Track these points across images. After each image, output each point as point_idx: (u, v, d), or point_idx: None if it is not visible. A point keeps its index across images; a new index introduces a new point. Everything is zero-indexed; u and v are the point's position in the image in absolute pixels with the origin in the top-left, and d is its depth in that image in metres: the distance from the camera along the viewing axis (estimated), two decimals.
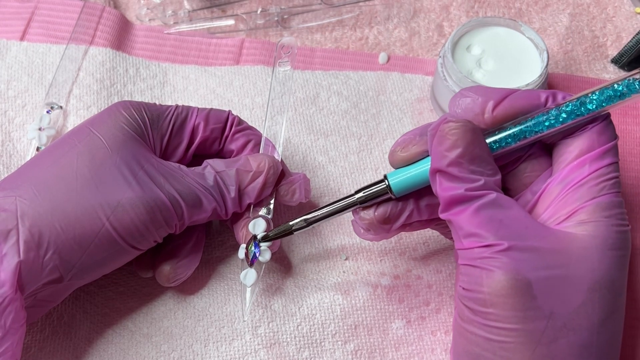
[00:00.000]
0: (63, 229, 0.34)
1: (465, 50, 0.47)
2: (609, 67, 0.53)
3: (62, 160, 0.36)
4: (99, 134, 0.37)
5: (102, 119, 0.38)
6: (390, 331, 0.40)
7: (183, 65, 0.52)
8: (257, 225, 0.39)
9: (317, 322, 0.40)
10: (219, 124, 0.41)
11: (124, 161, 0.36)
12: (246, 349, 0.39)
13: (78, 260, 0.35)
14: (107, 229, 0.35)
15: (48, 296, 0.36)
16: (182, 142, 0.40)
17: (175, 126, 0.40)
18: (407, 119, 0.50)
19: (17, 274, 0.33)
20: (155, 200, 0.36)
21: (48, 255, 0.34)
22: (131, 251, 0.37)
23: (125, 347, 0.40)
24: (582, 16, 0.56)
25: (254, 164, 0.39)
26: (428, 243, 0.45)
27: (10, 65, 0.51)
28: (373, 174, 0.47)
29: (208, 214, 0.38)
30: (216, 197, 0.38)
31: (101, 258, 0.36)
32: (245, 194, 0.39)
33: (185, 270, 0.40)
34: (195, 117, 0.41)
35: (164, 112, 0.40)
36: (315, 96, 0.50)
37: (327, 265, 0.43)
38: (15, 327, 0.33)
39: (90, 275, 0.37)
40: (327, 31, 0.55)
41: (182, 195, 0.37)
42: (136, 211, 0.35)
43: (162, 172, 0.37)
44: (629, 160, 0.48)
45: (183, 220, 0.37)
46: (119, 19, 0.54)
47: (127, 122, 0.38)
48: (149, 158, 0.37)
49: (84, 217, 0.34)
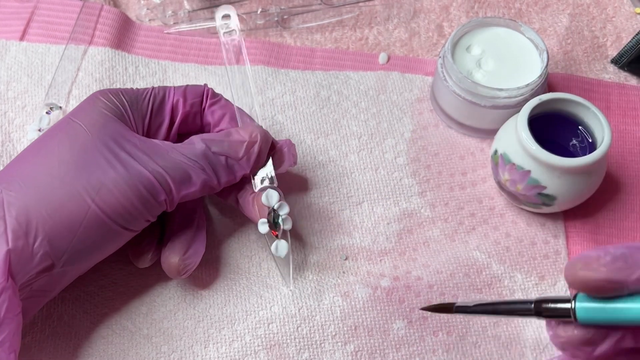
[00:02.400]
0: (50, 214, 0.34)
1: (465, 51, 0.47)
2: (609, 67, 0.53)
3: (44, 149, 0.36)
4: (79, 121, 0.37)
5: (82, 108, 0.38)
6: (391, 332, 0.40)
7: (183, 63, 0.52)
8: (270, 196, 0.39)
9: (317, 324, 0.40)
10: (197, 98, 0.42)
11: (104, 142, 0.36)
12: (246, 350, 0.39)
13: (68, 245, 0.35)
14: (94, 210, 0.35)
15: (44, 286, 0.36)
16: (164, 120, 0.41)
17: (154, 106, 0.40)
18: (407, 119, 0.50)
19: (7, 263, 0.33)
20: (139, 177, 0.36)
21: (37, 242, 0.34)
22: (123, 232, 0.37)
23: (126, 348, 0.40)
24: (582, 16, 0.56)
25: (246, 134, 0.39)
26: (428, 243, 0.45)
27: (10, 66, 0.51)
28: (373, 173, 0.47)
29: (198, 187, 0.38)
30: (206, 168, 0.38)
31: (92, 241, 0.36)
32: (240, 164, 0.39)
33: (194, 259, 0.40)
34: (173, 95, 0.41)
35: (142, 94, 0.40)
36: (316, 95, 0.50)
37: (327, 265, 0.43)
38: (10, 317, 0.33)
39: (85, 261, 0.37)
40: (327, 31, 0.55)
41: (167, 170, 0.37)
42: (120, 190, 0.35)
43: (145, 149, 0.37)
44: (629, 160, 0.48)
45: (172, 196, 0.37)
46: (119, 17, 0.54)
47: (105, 106, 0.38)
48: (130, 137, 0.37)
49: (69, 201, 0.35)
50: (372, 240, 0.44)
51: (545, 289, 0.43)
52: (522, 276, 0.43)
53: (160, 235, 0.42)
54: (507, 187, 0.43)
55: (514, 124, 0.42)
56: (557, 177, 0.40)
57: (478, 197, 0.46)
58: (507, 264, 0.43)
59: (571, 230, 0.45)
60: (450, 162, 0.48)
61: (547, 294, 0.42)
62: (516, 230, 0.45)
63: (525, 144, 0.40)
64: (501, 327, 0.41)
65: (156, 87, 0.41)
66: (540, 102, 0.42)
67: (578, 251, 0.44)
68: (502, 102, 0.45)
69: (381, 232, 0.45)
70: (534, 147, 0.40)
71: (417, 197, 0.46)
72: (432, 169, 0.47)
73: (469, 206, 0.46)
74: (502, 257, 0.44)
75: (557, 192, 0.41)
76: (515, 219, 0.45)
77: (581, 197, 0.43)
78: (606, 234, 0.45)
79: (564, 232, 0.45)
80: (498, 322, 0.41)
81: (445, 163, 0.48)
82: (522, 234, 0.45)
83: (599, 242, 0.45)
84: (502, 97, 0.45)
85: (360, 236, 0.45)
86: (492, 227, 0.45)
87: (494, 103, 0.45)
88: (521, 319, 0.41)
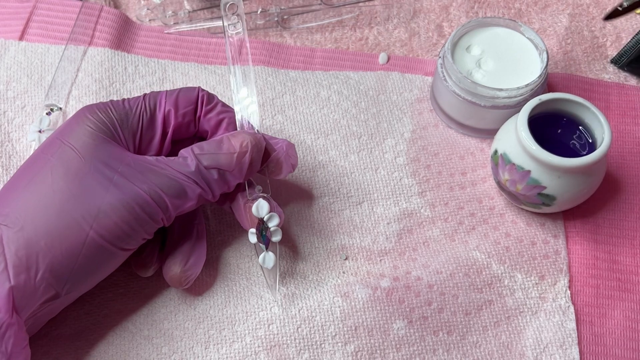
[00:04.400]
0: (49, 246, 0.34)
1: (465, 51, 0.47)
2: (609, 67, 0.53)
3: (38, 177, 0.36)
4: (70, 143, 0.36)
5: (71, 128, 0.37)
6: (391, 332, 0.40)
7: (183, 62, 0.52)
8: (260, 207, 0.39)
9: (317, 324, 0.40)
10: (190, 106, 0.40)
11: (98, 167, 0.36)
12: (246, 351, 0.39)
13: (70, 274, 0.34)
14: (93, 237, 0.35)
15: (49, 312, 0.36)
16: (156, 134, 0.40)
17: (145, 121, 0.39)
18: (407, 119, 0.50)
19: (11, 299, 0.32)
20: (135, 199, 0.35)
21: (39, 275, 0.33)
22: (121, 253, 0.37)
23: (126, 349, 0.40)
24: (582, 16, 0.56)
25: (237, 144, 0.38)
26: (428, 243, 0.45)
27: (10, 66, 0.51)
28: (373, 173, 0.47)
29: (194, 201, 0.38)
30: (200, 183, 0.37)
31: (93, 266, 0.35)
32: (233, 174, 0.38)
33: (195, 269, 0.40)
34: (164, 106, 0.40)
35: (132, 109, 0.39)
36: (316, 95, 0.50)
37: (327, 265, 0.43)
38: (17, 351, 0.33)
39: (87, 285, 0.37)
40: (327, 31, 0.55)
41: (162, 188, 0.36)
42: (118, 214, 0.35)
43: (139, 169, 0.36)
44: (629, 160, 0.48)
45: (169, 213, 0.37)
46: (118, 17, 0.54)
47: (95, 126, 0.37)
48: (123, 158, 0.37)
49: (68, 230, 0.34)
50: (372, 240, 0.44)
51: (545, 288, 0.43)
52: (522, 276, 0.43)
53: (161, 243, 0.41)
54: (507, 187, 0.43)
55: (514, 124, 0.42)
56: (557, 177, 0.40)
57: (478, 197, 0.46)
58: (507, 264, 0.43)
59: (571, 230, 0.45)
60: (450, 162, 0.48)
61: (547, 293, 0.42)
62: (516, 230, 0.45)
63: (525, 144, 0.40)
64: (502, 327, 0.41)
65: (147, 95, 0.40)
66: (540, 102, 0.42)
67: (578, 251, 0.44)
68: (502, 102, 0.45)
69: (381, 232, 0.45)
70: (534, 147, 0.40)
71: (417, 197, 0.46)
72: (432, 169, 0.47)
73: (468, 206, 0.46)
74: (502, 257, 0.44)
75: (557, 192, 0.41)
76: (515, 218, 0.45)
77: (581, 197, 0.43)
78: (606, 234, 0.45)
79: (564, 232, 0.45)
80: (499, 321, 0.41)
81: (445, 163, 0.48)
82: (522, 234, 0.45)
83: (599, 242, 0.45)
84: (502, 97, 0.45)
85: (360, 236, 0.45)
86: (492, 227, 0.45)
87: (494, 103, 0.45)
88: (521, 319, 0.41)
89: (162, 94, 0.40)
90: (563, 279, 0.43)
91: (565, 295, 0.42)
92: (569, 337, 0.41)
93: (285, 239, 0.44)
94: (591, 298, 0.43)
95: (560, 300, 0.42)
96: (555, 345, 0.41)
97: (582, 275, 0.43)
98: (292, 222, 0.45)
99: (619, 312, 0.42)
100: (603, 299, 0.43)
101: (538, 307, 0.42)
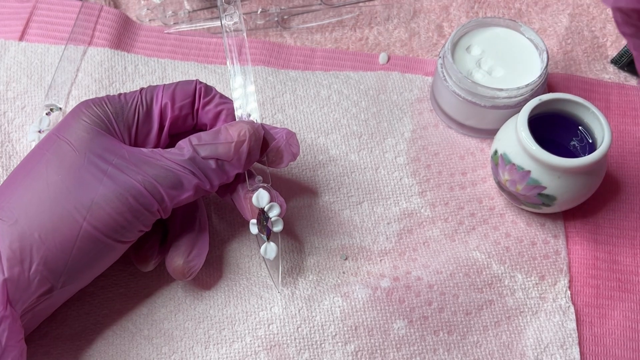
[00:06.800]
0: (43, 238, 0.34)
1: (465, 51, 0.47)
2: (609, 67, 0.53)
3: (33, 172, 0.36)
4: (65, 138, 0.37)
5: (67, 123, 0.38)
6: (391, 331, 0.40)
7: (183, 61, 0.52)
8: (261, 197, 0.39)
9: (317, 324, 0.40)
10: (187, 99, 0.40)
11: (92, 160, 0.36)
12: (246, 351, 0.39)
13: (65, 266, 0.34)
14: (86, 229, 0.35)
15: (47, 307, 0.36)
16: (153, 127, 0.39)
17: (141, 114, 0.39)
18: (407, 119, 0.50)
19: (5, 292, 0.33)
20: (129, 190, 0.35)
21: (33, 268, 0.33)
22: (118, 246, 0.36)
23: (126, 349, 0.40)
24: (582, 16, 0.56)
25: (234, 133, 0.38)
26: (428, 243, 0.45)
27: (9, 67, 0.51)
28: (373, 173, 0.47)
29: (191, 192, 0.37)
30: (197, 173, 0.37)
31: (89, 259, 0.35)
32: (231, 164, 0.38)
33: (198, 260, 0.40)
34: (161, 99, 0.39)
35: (128, 102, 0.39)
36: (316, 94, 0.50)
37: (327, 265, 0.43)
38: (12, 344, 0.32)
39: (83, 278, 0.37)
40: (327, 32, 0.55)
41: (157, 179, 0.36)
42: (111, 205, 0.35)
43: (133, 160, 0.36)
44: (629, 160, 0.48)
45: (165, 204, 0.37)
46: (118, 17, 0.54)
47: (90, 120, 0.37)
48: (117, 150, 0.37)
49: (61, 222, 0.34)
50: (372, 240, 0.44)
51: (545, 288, 0.43)
52: (523, 276, 0.43)
53: (162, 236, 0.41)
54: (507, 188, 0.43)
55: (514, 124, 0.42)
56: (557, 178, 0.40)
57: (478, 197, 0.46)
58: (507, 264, 0.43)
59: (571, 230, 0.45)
60: (450, 162, 0.48)
61: (547, 293, 0.42)
62: (516, 230, 0.45)
63: (525, 144, 0.40)
64: (502, 327, 0.41)
65: (144, 89, 0.40)
66: (540, 102, 0.42)
67: (578, 251, 0.44)
68: (502, 102, 0.45)
69: (381, 231, 0.45)
70: (534, 148, 0.40)
71: (417, 197, 0.46)
72: (432, 169, 0.47)
73: (469, 206, 0.46)
74: (502, 257, 0.44)
75: (557, 193, 0.41)
76: (515, 219, 0.45)
77: (581, 197, 0.43)
78: (606, 234, 0.45)
79: (564, 232, 0.45)
80: (499, 321, 0.41)
81: (445, 163, 0.48)
82: (522, 234, 0.45)
83: (599, 242, 0.45)
84: (502, 97, 0.45)
85: (360, 236, 0.45)
86: (492, 227, 0.45)
87: (494, 103, 0.45)
88: (522, 319, 0.41)
89: (159, 88, 0.40)
90: (563, 279, 0.43)
91: (565, 295, 0.42)
92: (570, 337, 0.41)
93: (286, 239, 0.44)
94: (591, 298, 0.43)
95: (561, 300, 0.42)
96: (555, 345, 0.41)
97: (582, 275, 0.43)
98: (292, 221, 0.45)
99: (619, 312, 0.42)
100: (603, 299, 0.43)
101: (538, 307, 0.42)
